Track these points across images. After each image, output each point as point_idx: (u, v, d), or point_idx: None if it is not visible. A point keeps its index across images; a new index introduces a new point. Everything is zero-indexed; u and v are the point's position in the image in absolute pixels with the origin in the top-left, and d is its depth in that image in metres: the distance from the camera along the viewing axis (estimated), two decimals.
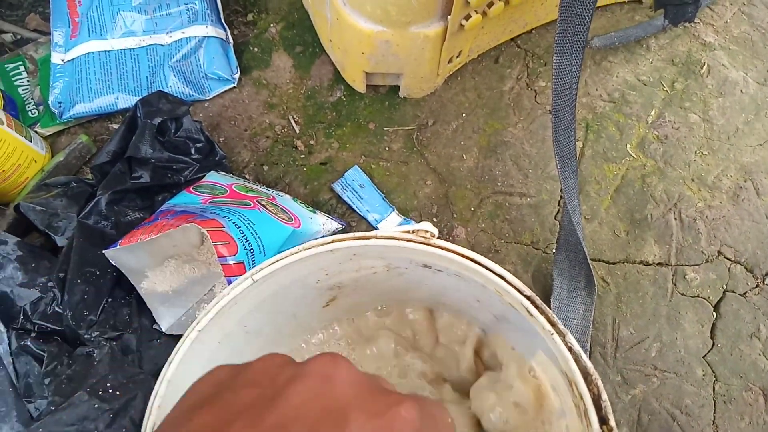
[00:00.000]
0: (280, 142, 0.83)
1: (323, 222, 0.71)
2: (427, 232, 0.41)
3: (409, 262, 0.45)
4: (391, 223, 0.77)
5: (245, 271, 0.55)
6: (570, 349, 0.37)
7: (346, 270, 0.47)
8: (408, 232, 0.41)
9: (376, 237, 0.41)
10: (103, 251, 0.59)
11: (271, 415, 0.19)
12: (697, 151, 0.84)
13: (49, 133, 0.82)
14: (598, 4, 0.93)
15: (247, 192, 0.68)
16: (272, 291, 0.44)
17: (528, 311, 0.38)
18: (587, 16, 0.58)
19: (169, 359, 0.39)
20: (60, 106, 0.80)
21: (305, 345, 0.57)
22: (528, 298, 0.39)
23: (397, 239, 0.41)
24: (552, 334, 0.37)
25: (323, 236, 0.72)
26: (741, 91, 0.88)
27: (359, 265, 0.46)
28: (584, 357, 0.37)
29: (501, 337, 0.51)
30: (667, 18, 0.77)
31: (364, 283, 0.50)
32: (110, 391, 0.54)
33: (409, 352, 0.55)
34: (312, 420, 0.19)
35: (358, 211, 0.78)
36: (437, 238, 0.41)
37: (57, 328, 0.57)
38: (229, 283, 0.52)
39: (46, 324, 0.58)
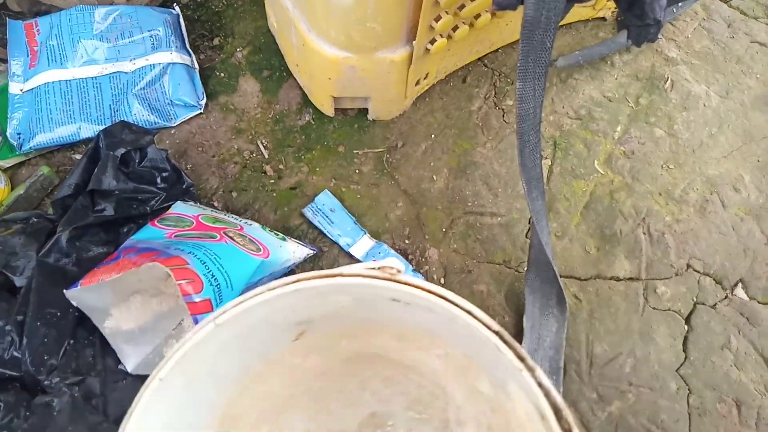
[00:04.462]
0: (249, 167, 0.82)
1: (294, 249, 0.70)
2: (392, 268, 0.41)
3: (377, 296, 0.44)
4: (363, 246, 0.76)
5: (212, 308, 0.54)
6: (540, 385, 0.36)
7: (313, 306, 0.46)
8: (374, 268, 0.41)
9: (341, 275, 0.40)
10: (64, 292, 0.58)
11: None
12: (664, 166, 0.85)
13: (8, 165, 0.80)
14: (563, 22, 0.94)
15: (214, 223, 0.67)
16: (237, 332, 0.43)
17: (497, 347, 0.38)
18: (548, 42, 0.58)
19: (129, 411, 0.37)
20: (19, 138, 0.78)
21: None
22: (496, 333, 0.38)
23: (363, 276, 0.40)
24: (521, 370, 0.37)
25: (294, 264, 0.71)
26: (704, 104, 0.90)
27: (326, 300, 0.45)
28: (554, 392, 0.36)
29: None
30: (630, 38, 0.78)
31: (333, 317, 0.49)
32: None
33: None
34: None
35: (329, 235, 0.77)
36: (406, 272, 0.41)
37: (15, 374, 0.55)
38: (196, 322, 0.51)
39: (3, 370, 0.55)
